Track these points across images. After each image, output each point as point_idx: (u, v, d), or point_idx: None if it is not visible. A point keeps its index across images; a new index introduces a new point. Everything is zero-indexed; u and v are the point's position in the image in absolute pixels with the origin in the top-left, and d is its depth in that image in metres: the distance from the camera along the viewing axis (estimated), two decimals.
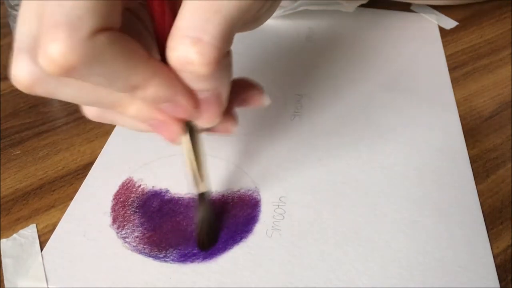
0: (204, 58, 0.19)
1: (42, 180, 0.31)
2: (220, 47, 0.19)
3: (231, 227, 0.27)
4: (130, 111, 0.22)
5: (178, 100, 0.21)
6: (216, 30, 0.19)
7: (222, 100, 0.22)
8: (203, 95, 0.22)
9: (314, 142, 0.33)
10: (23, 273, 0.25)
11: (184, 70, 0.20)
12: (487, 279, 0.25)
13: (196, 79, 0.21)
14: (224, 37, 0.20)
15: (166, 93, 0.20)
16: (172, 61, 0.20)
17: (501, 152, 0.33)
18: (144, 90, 0.20)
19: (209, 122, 0.23)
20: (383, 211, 0.28)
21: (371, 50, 0.42)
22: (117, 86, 0.20)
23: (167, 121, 0.22)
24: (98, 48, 0.18)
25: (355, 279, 0.25)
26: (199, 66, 0.19)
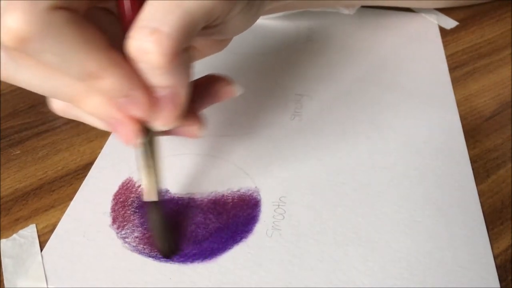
0: (160, 48, 0.19)
1: (41, 180, 0.31)
2: (178, 39, 0.19)
3: (231, 227, 0.27)
4: (87, 106, 0.22)
5: (135, 94, 0.21)
6: (175, 22, 0.19)
7: (180, 100, 0.22)
8: (161, 93, 0.21)
9: (314, 142, 0.33)
10: (22, 273, 0.25)
11: (141, 60, 0.20)
12: (487, 279, 0.25)
13: (152, 71, 0.20)
14: (183, 31, 0.20)
15: (122, 85, 0.20)
16: (130, 50, 0.20)
17: (501, 152, 0.33)
18: (100, 79, 0.20)
19: (165, 124, 0.22)
20: (383, 211, 0.28)
21: (371, 50, 0.42)
22: (72, 70, 0.20)
23: (124, 120, 0.22)
24: (54, 24, 0.18)
25: (355, 279, 0.25)
26: (155, 55, 0.19)
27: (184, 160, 0.32)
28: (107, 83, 0.20)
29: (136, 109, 0.22)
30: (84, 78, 0.20)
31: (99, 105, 0.22)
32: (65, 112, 0.24)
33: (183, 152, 0.32)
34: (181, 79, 0.21)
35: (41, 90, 0.22)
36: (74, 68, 0.19)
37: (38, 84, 0.21)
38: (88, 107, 0.22)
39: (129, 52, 0.20)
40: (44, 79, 0.21)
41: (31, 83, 0.21)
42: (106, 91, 0.21)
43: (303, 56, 0.41)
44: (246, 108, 0.36)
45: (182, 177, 0.30)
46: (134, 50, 0.20)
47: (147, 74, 0.21)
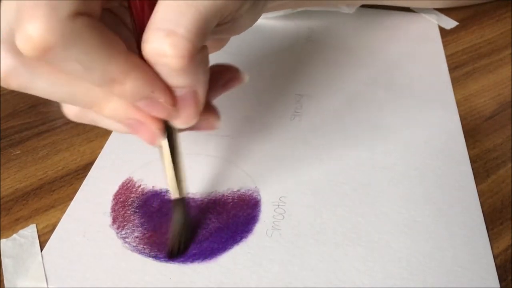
0: (177, 50, 0.19)
1: (42, 180, 0.31)
2: (194, 40, 0.19)
3: (231, 227, 0.27)
4: (106, 111, 0.22)
5: (156, 96, 0.21)
6: (190, 23, 0.19)
7: (200, 97, 0.22)
8: (180, 93, 0.21)
9: (314, 142, 0.33)
10: (23, 273, 0.25)
11: (158, 62, 0.20)
12: (487, 279, 0.25)
13: (170, 73, 0.20)
14: (198, 31, 0.19)
15: (144, 88, 0.20)
16: (146, 54, 0.20)
17: (501, 152, 0.33)
18: (121, 84, 0.20)
19: (187, 122, 0.23)
20: (383, 211, 0.28)
21: (371, 50, 0.42)
22: (94, 77, 0.19)
23: (145, 121, 0.22)
24: (76, 31, 0.18)
25: (355, 279, 0.25)
26: (172, 58, 0.19)
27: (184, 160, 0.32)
28: (129, 87, 0.20)
29: (157, 110, 0.21)
30: (105, 83, 0.20)
31: (119, 109, 0.22)
32: (79, 117, 0.24)
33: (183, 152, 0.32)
34: (199, 78, 0.21)
35: (58, 97, 0.21)
36: (96, 75, 0.19)
37: (54, 91, 0.21)
38: (108, 111, 0.22)
39: (146, 56, 0.20)
40: (62, 86, 0.21)
41: (47, 91, 0.21)
42: (127, 95, 0.20)
43: (303, 56, 0.41)
44: (246, 108, 0.36)
45: None
46: (151, 53, 0.19)
47: (166, 76, 0.21)
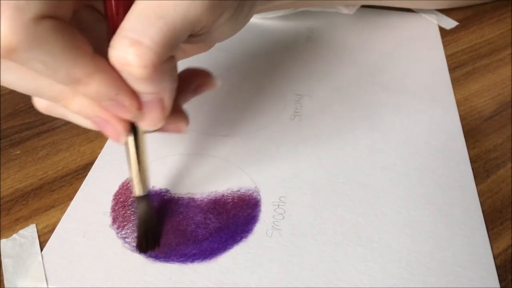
0: (141, 60, 0.19)
1: (42, 180, 0.31)
2: (159, 52, 0.19)
3: (231, 227, 0.27)
4: (73, 106, 0.22)
5: (121, 99, 0.21)
6: (157, 35, 0.19)
7: (165, 104, 0.22)
8: (146, 98, 0.22)
9: (314, 142, 0.33)
10: (23, 273, 0.25)
11: (122, 70, 0.20)
12: (487, 279, 0.25)
13: (135, 81, 0.21)
14: (164, 43, 0.20)
15: (107, 91, 0.20)
16: (112, 60, 0.20)
17: (501, 152, 0.33)
18: (85, 85, 0.20)
19: (151, 125, 0.23)
20: (383, 211, 0.28)
21: (371, 50, 0.42)
22: (58, 76, 0.20)
23: (110, 120, 0.22)
24: (40, 34, 0.18)
25: (355, 279, 0.25)
26: (135, 68, 0.19)
27: (184, 160, 0.32)
28: (93, 89, 0.20)
29: (122, 112, 0.22)
30: (69, 83, 0.20)
31: (85, 105, 0.22)
32: (48, 110, 0.24)
33: (183, 152, 0.32)
34: (164, 86, 0.22)
35: (25, 90, 0.22)
36: (61, 76, 0.20)
37: (22, 85, 0.21)
38: (74, 107, 0.22)
39: (111, 61, 0.20)
40: (29, 81, 0.21)
41: (15, 84, 0.21)
42: (91, 96, 0.21)
43: (303, 56, 0.41)
44: (246, 108, 0.36)
45: (182, 177, 0.30)
46: (116, 60, 0.20)
47: (131, 82, 0.21)
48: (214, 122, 0.34)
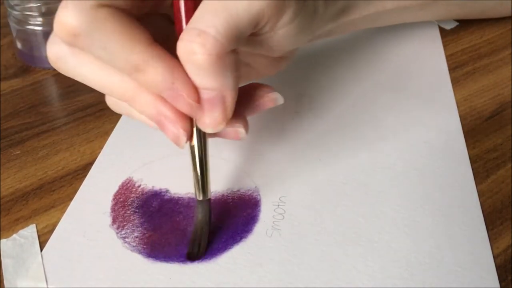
0: (205, 49, 0.20)
1: (42, 180, 0.31)
2: (223, 41, 0.21)
3: (231, 227, 0.27)
4: (138, 104, 0.23)
5: (177, 88, 0.22)
6: (221, 25, 0.21)
7: (227, 104, 0.23)
8: (207, 95, 0.22)
9: (314, 142, 0.33)
10: (23, 273, 0.25)
11: (187, 60, 0.21)
12: (487, 279, 0.25)
13: (198, 72, 0.21)
14: (228, 33, 0.21)
15: (164, 77, 0.21)
16: (179, 51, 0.21)
17: (501, 152, 0.33)
18: (143, 72, 0.21)
19: (212, 126, 0.23)
20: (383, 211, 0.28)
21: (371, 50, 0.42)
22: (118, 63, 0.21)
23: (172, 118, 0.23)
24: (99, 19, 0.20)
25: (355, 279, 0.25)
26: (199, 56, 0.21)
27: (184, 160, 0.32)
28: (150, 76, 0.21)
29: (180, 104, 0.22)
30: (130, 71, 0.21)
31: (148, 103, 0.23)
32: (116, 108, 0.26)
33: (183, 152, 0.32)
34: (226, 82, 0.22)
35: (98, 86, 0.24)
36: (120, 61, 0.21)
37: (94, 79, 0.23)
38: (139, 105, 0.23)
39: (178, 53, 0.21)
40: (100, 75, 0.23)
41: (89, 78, 0.23)
42: (149, 83, 0.22)
43: (303, 56, 0.41)
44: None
45: (182, 177, 0.30)
46: (182, 50, 0.21)
47: (194, 75, 0.22)
48: None
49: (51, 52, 0.23)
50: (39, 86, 0.39)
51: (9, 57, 0.42)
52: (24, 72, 0.40)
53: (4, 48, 0.43)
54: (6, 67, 0.41)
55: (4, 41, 0.44)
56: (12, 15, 0.40)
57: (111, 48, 0.21)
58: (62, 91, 0.38)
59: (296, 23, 0.24)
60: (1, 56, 0.42)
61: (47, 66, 0.40)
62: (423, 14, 0.40)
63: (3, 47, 0.43)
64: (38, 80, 0.39)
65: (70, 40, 0.21)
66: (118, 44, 0.21)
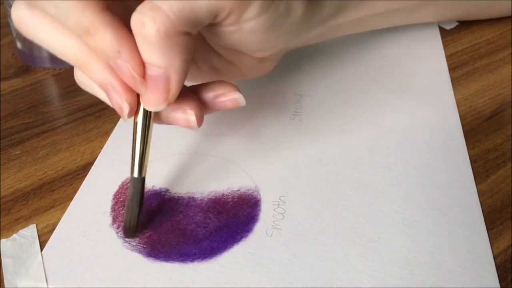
0: (155, 24, 0.21)
1: (42, 180, 0.31)
2: (175, 21, 0.21)
3: (231, 227, 0.27)
4: (90, 71, 0.24)
5: (123, 58, 0.22)
6: (176, 5, 0.21)
7: (171, 84, 0.23)
8: (152, 72, 0.22)
9: (314, 142, 0.33)
10: (23, 273, 0.25)
11: (137, 32, 0.22)
12: (487, 279, 0.25)
13: (146, 46, 0.22)
14: (182, 14, 0.21)
15: (111, 45, 0.22)
16: (131, 22, 0.22)
17: (501, 152, 0.33)
18: (92, 36, 0.22)
19: (153, 104, 0.23)
20: (383, 211, 0.28)
21: (371, 50, 0.42)
22: (70, 23, 0.22)
23: (118, 89, 0.23)
24: None
25: (355, 279, 0.25)
26: (148, 29, 0.21)
27: (184, 159, 0.32)
28: (97, 40, 0.22)
29: (125, 75, 0.23)
30: (80, 33, 0.22)
31: (98, 70, 0.23)
32: (81, 82, 0.26)
33: (183, 152, 0.32)
34: (173, 62, 0.22)
35: (54, 49, 0.24)
36: (71, 22, 0.22)
37: (51, 42, 0.24)
38: (90, 72, 0.24)
39: (131, 24, 0.22)
40: (56, 37, 0.23)
41: (46, 41, 0.24)
42: (97, 48, 0.22)
43: (303, 56, 0.41)
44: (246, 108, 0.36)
45: (182, 176, 0.30)
46: (133, 21, 0.21)
47: (142, 49, 0.22)
48: (214, 122, 0.34)
49: (14, 15, 0.24)
50: (39, 86, 0.39)
51: (9, 57, 0.42)
52: (24, 72, 0.40)
53: (4, 48, 0.43)
54: (6, 67, 0.41)
55: (4, 41, 0.44)
56: None
57: (62, 7, 0.21)
58: (62, 91, 0.38)
59: (264, 19, 0.24)
60: (1, 56, 0.42)
61: (47, 66, 0.40)
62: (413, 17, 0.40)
63: (3, 47, 0.43)
64: (38, 80, 0.39)
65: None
66: (70, 5, 0.21)
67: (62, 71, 0.40)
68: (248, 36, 0.25)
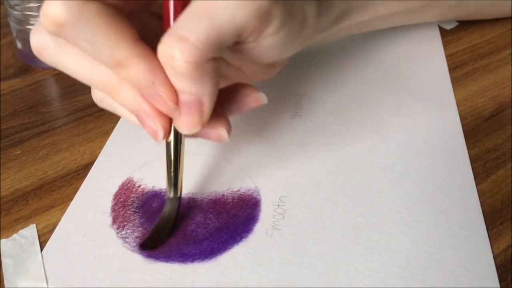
0: (184, 56, 0.21)
1: (42, 180, 0.31)
2: (203, 50, 0.21)
3: (231, 227, 0.27)
4: (119, 97, 0.24)
5: (157, 89, 0.22)
6: (202, 33, 0.21)
7: (204, 108, 0.23)
8: (185, 98, 0.23)
9: (314, 142, 0.33)
10: (23, 273, 0.25)
11: (167, 64, 0.21)
12: (487, 279, 0.25)
13: (176, 76, 0.22)
14: (209, 42, 0.21)
15: (145, 77, 0.22)
16: (159, 54, 0.21)
17: (501, 152, 0.33)
18: (126, 69, 0.22)
19: (188, 128, 0.24)
20: (383, 211, 0.28)
21: (371, 50, 0.42)
22: (102, 57, 0.22)
23: (151, 115, 0.23)
24: (86, 13, 0.21)
25: (355, 279, 0.25)
26: (178, 62, 0.21)
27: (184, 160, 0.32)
28: (132, 73, 0.22)
29: (159, 103, 0.23)
30: (112, 65, 0.22)
31: (129, 96, 0.23)
32: (102, 101, 0.26)
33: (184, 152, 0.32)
34: (204, 88, 0.22)
35: (80, 77, 0.24)
36: (104, 55, 0.21)
37: (77, 70, 0.23)
38: (120, 98, 0.24)
39: (158, 55, 0.21)
40: (83, 66, 0.23)
41: (71, 69, 0.24)
42: (131, 80, 0.22)
43: (303, 56, 0.41)
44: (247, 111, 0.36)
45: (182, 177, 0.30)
46: (162, 54, 0.21)
47: (172, 78, 0.22)
48: None
49: (35, 41, 0.23)
50: (39, 86, 0.39)
51: (9, 57, 0.42)
52: (24, 72, 0.40)
53: (4, 48, 0.43)
54: (6, 67, 0.41)
55: (4, 41, 0.44)
56: (12, 15, 0.40)
57: (96, 43, 0.21)
58: (62, 91, 0.38)
59: (283, 34, 0.24)
60: (1, 56, 0.42)
61: (47, 66, 0.40)
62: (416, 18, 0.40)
63: (3, 47, 0.43)
64: (38, 80, 0.39)
65: (55, 30, 0.21)
66: (103, 39, 0.21)
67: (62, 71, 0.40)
68: (266, 51, 0.25)
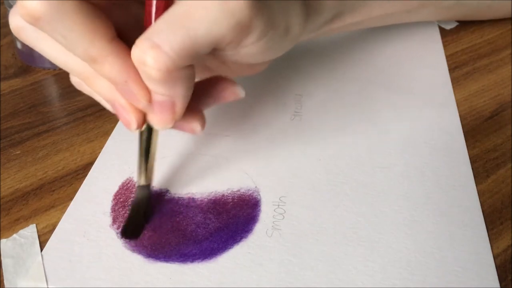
0: (156, 64, 0.21)
1: (42, 180, 0.31)
2: (176, 59, 0.21)
3: (231, 227, 0.27)
4: (95, 86, 0.24)
5: (130, 87, 0.22)
6: (177, 43, 0.21)
7: (176, 109, 0.23)
8: (158, 98, 0.23)
9: (314, 142, 0.33)
10: (23, 273, 0.25)
11: (139, 68, 0.22)
12: (487, 279, 0.25)
13: (149, 80, 0.22)
14: (182, 52, 0.21)
15: (118, 75, 0.22)
16: (132, 56, 0.21)
17: (501, 152, 0.33)
18: (100, 65, 0.22)
19: (160, 124, 0.24)
20: (383, 211, 0.28)
21: (371, 50, 0.42)
22: (77, 52, 0.22)
23: (126, 107, 0.24)
24: (62, 10, 0.20)
25: (355, 279, 0.25)
26: (150, 69, 0.21)
27: (184, 160, 0.32)
28: (105, 70, 0.22)
29: (132, 100, 0.23)
30: (87, 60, 0.22)
31: (105, 87, 0.24)
32: (80, 85, 0.26)
33: (183, 152, 0.32)
34: (177, 91, 0.23)
35: (57, 63, 0.24)
36: (78, 51, 0.22)
37: (53, 55, 0.24)
38: (96, 87, 0.24)
39: (132, 58, 0.21)
40: (60, 53, 0.23)
41: (48, 53, 0.24)
42: (105, 76, 0.22)
43: (303, 56, 0.41)
44: (246, 108, 0.36)
45: (182, 177, 0.30)
46: (135, 58, 0.21)
47: (145, 80, 0.22)
48: (214, 122, 0.34)
49: (13, 22, 0.23)
50: (39, 86, 0.39)
51: (9, 57, 0.42)
52: (24, 72, 0.40)
53: (4, 48, 0.43)
54: (6, 67, 0.41)
55: (4, 41, 0.44)
56: None
57: (70, 39, 0.21)
58: (62, 91, 0.38)
59: (263, 43, 0.24)
60: (1, 56, 0.42)
61: (47, 66, 0.40)
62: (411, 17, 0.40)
63: (3, 47, 0.43)
64: (38, 80, 0.39)
65: (31, 22, 0.21)
66: (78, 36, 0.21)
67: (62, 71, 0.40)
68: (246, 56, 0.25)
